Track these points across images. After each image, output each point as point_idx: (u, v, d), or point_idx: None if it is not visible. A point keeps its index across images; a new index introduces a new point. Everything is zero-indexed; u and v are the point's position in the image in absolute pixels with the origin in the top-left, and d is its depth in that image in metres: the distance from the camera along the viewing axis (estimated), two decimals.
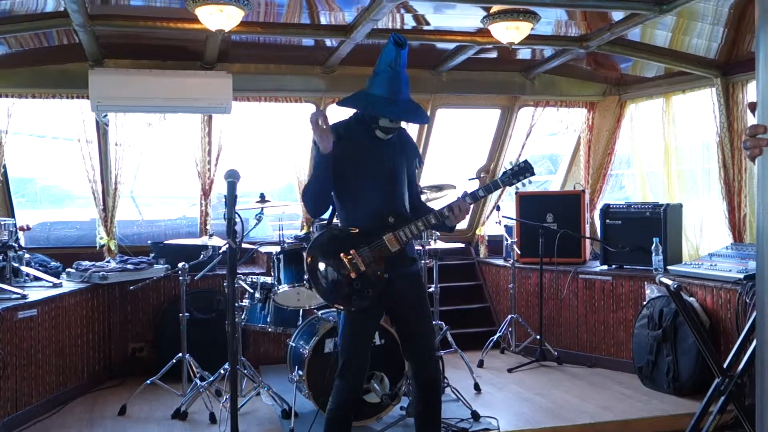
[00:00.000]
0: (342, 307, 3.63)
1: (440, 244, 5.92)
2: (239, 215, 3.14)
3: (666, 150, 7.01)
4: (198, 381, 5.30)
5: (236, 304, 5.33)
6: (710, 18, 5.32)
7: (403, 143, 3.82)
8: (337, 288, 3.58)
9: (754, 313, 4.21)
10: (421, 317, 3.77)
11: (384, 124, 3.62)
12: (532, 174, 3.76)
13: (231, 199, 3.10)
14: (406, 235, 3.60)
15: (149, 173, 8.83)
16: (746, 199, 6.25)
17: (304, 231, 7.21)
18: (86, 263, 6.17)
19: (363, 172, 3.65)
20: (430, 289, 5.97)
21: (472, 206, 3.73)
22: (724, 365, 4.17)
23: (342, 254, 3.56)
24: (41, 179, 9.19)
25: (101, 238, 6.75)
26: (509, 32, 5.34)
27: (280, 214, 8.24)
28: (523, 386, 5.95)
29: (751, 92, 6.18)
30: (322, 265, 3.60)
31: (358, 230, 3.62)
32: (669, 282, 3.92)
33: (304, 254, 3.67)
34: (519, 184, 3.81)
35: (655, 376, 5.70)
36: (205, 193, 6.91)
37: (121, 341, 6.34)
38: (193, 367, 5.43)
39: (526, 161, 3.77)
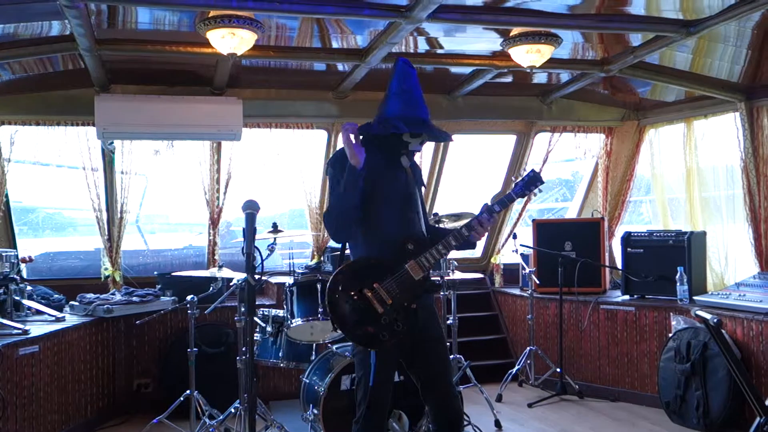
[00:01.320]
0: (372, 347, 3.40)
1: (458, 274, 5.71)
2: (258, 249, 2.93)
3: (688, 176, 6.81)
4: (207, 420, 5.08)
5: (246, 339, 5.11)
6: (733, 39, 5.14)
7: (413, 167, 3.71)
8: (366, 326, 3.36)
9: None
10: (440, 354, 3.58)
11: (413, 147, 3.54)
12: (542, 182, 3.63)
13: (250, 232, 2.89)
14: (429, 261, 3.43)
15: (155, 201, 8.67)
16: None
17: (315, 260, 7.02)
18: (90, 295, 5.97)
19: (380, 198, 3.48)
20: (449, 321, 5.77)
21: (492, 221, 3.57)
22: (766, 403, 3.93)
23: (366, 290, 3.35)
24: (44, 208, 9.03)
25: (106, 269, 6.55)
26: (530, 56, 5.17)
27: (289, 243, 8.05)
28: (546, 422, 5.71)
29: None
30: (345, 305, 3.37)
31: (377, 262, 3.43)
32: (708, 316, 3.69)
33: (325, 294, 3.43)
34: (531, 195, 3.68)
35: (684, 412, 5.46)
36: (214, 222, 6.71)
37: (126, 377, 6.12)
38: (201, 405, 5.20)
39: (533, 170, 3.63)
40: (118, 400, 6.04)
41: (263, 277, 6.22)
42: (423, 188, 3.84)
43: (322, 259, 7.01)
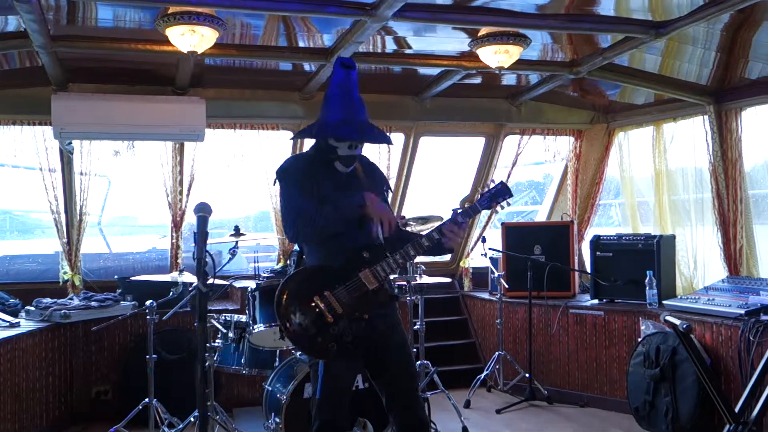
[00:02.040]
0: (320, 357, 3.29)
1: (425, 279, 5.61)
2: (210, 254, 2.80)
3: (657, 179, 6.77)
4: (166, 428, 4.93)
5: (207, 345, 4.97)
6: (702, 41, 5.10)
7: (370, 173, 3.59)
8: (314, 336, 3.24)
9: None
10: (403, 365, 3.45)
11: (342, 152, 3.36)
12: (510, 195, 3.50)
13: (202, 236, 2.75)
14: (384, 270, 3.29)
15: (122, 203, 8.48)
16: (742, 230, 6.01)
17: (281, 264, 6.87)
18: (47, 300, 5.78)
19: (332, 205, 3.34)
20: (416, 326, 5.67)
21: (460, 230, 3.42)
22: (736, 409, 3.88)
23: (316, 297, 3.23)
24: (12, 210, 8.82)
25: (65, 273, 6.35)
26: (498, 56, 5.09)
27: (255, 246, 7.91)
28: (515, 429, 5.64)
29: (746, 120, 5.97)
30: (294, 312, 3.26)
31: (330, 269, 3.31)
32: (677, 322, 3.63)
33: (275, 301, 3.31)
34: (498, 207, 3.54)
35: (653, 417, 5.40)
36: (176, 225, 6.54)
37: (84, 384, 5.93)
38: (161, 414, 5.04)
39: (501, 182, 3.50)
40: (76, 408, 5.85)
41: (230, 281, 6.19)
42: (388, 192, 3.70)
43: (288, 262, 6.86)
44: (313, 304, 3.23)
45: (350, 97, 3.32)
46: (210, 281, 2.77)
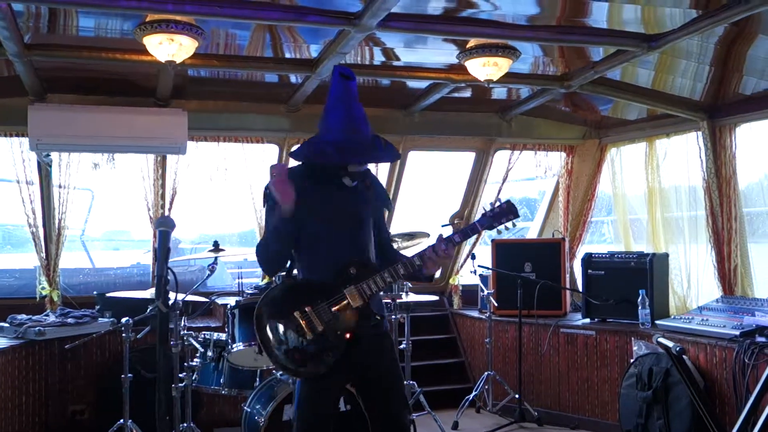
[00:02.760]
0: (297, 376, 3.16)
1: (412, 297, 5.47)
2: (172, 270, 2.63)
3: (650, 196, 6.64)
4: None
5: (186, 364, 4.81)
6: (695, 55, 4.99)
7: (368, 187, 3.38)
8: (291, 352, 3.09)
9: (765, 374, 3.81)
10: (392, 389, 3.28)
11: (353, 168, 3.21)
12: (516, 216, 3.29)
13: (163, 253, 2.59)
14: (371, 289, 3.14)
15: (109, 218, 8.33)
16: (737, 249, 5.88)
17: (266, 281, 6.70)
18: (22, 317, 5.60)
19: (322, 218, 3.21)
20: (401, 345, 5.52)
21: (449, 252, 3.22)
22: None
23: (296, 312, 3.08)
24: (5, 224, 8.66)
25: (43, 288, 6.17)
26: (486, 69, 4.96)
27: (240, 261, 7.76)
28: None
29: (740, 136, 5.85)
30: (273, 325, 3.12)
31: (315, 283, 3.17)
32: (670, 344, 3.49)
33: (255, 315, 3.17)
34: (502, 227, 3.33)
35: None
36: (156, 241, 6.36)
37: (60, 403, 5.74)
38: None
39: (508, 201, 3.29)
40: (51, 427, 5.67)
41: (213, 298, 6.02)
42: (390, 210, 3.57)
43: (273, 279, 6.71)
44: (293, 318, 3.10)
45: (351, 112, 3.14)
46: (173, 299, 2.60)
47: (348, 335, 3.12)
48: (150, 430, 4.87)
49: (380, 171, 6.72)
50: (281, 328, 3.11)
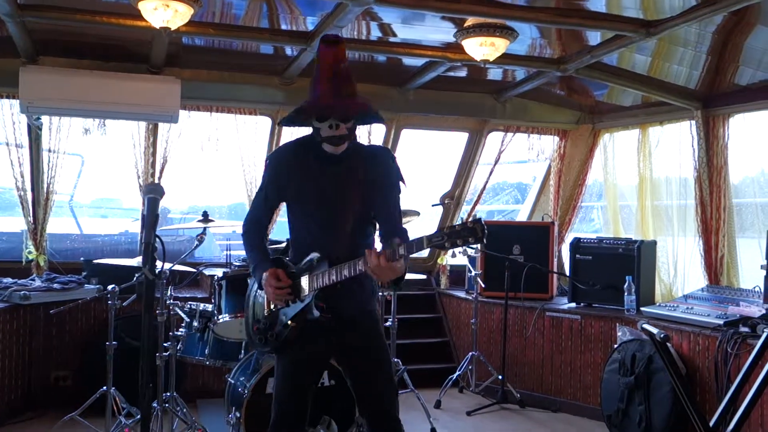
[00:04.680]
0: (252, 346, 3.43)
1: None
2: (160, 238, 2.62)
3: (641, 184, 6.64)
4: (123, 419, 4.75)
5: (171, 334, 4.80)
6: (693, 43, 4.97)
7: (370, 167, 3.14)
8: (250, 323, 3.27)
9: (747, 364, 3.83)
10: (377, 370, 3.21)
11: (325, 133, 3.04)
12: (477, 242, 2.62)
13: (151, 220, 2.57)
14: (318, 282, 3.01)
15: (100, 185, 8.26)
16: (724, 239, 5.91)
17: None
18: (7, 280, 5.59)
19: (303, 201, 3.16)
20: (387, 323, 5.53)
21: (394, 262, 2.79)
22: (710, 423, 3.75)
23: (260, 289, 3.17)
24: None
25: (30, 253, 6.13)
26: (483, 48, 4.93)
27: (229, 234, 7.73)
28: None
29: (733, 126, 5.85)
30: (252, 291, 3.30)
31: (284, 264, 3.18)
32: (654, 331, 3.49)
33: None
34: (460, 249, 3.22)
35: (625, 426, 5.27)
36: (145, 208, 6.32)
37: (43, 369, 5.73)
38: (119, 403, 4.85)
39: (478, 221, 2.63)
40: (33, 393, 5.67)
41: (200, 269, 5.99)
42: (392, 192, 3.20)
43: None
44: (261, 293, 3.20)
45: (331, 73, 3.01)
46: (159, 267, 2.59)
47: (293, 323, 3.07)
48: (133, 398, 4.90)
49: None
50: (253, 296, 3.28)
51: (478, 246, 3.10)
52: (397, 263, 2.78)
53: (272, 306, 3.12)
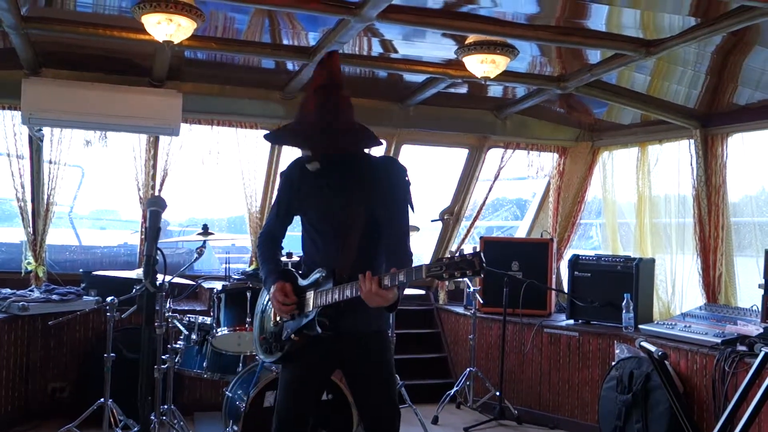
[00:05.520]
0: (260, 356, 3.27)
1: None
2: (161, 251, 2.63)
3: (639, 201, 6.66)
4: (120, 431, 4.74)
5: (169, 346, 4.80)
6: (692, 63, 5.01)
7: (376, 179, 3.06)
8: (256, 332, 3.28)
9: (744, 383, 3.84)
10: (377, 387, 3.17)
11: (304, 153, 3.11)
12: (475, 274, 2.54)
13: (153, 232, 2.59)
14: (321, 301, 2.96)
15: (99, 196, 8.27)
16: (722, 258, 5.91)
17: (253, 266, 6.70)
18: (6, 291, 5.60)
19: (310, 216, 3.18)
20: None
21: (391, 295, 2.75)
22: None
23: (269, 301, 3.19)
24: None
25: (29, 263, 6.14)
26: (484, 66, 4.96)
27: (228, 246, 7.75)
28: None
29: (732, 146, 5.88)
30: (262, 301, 3.29)
31: (293, 277, 3.17)
32: (652, 348, 3.51)
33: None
34: (452, 282, 3.23)
35: None
36: (147, 220, 6.33)
37: (41, 380, 5.72)
38: (116, 415, 4.85)
39: (477, 253, 2.55)
40: (31, 404, 5.65)
41: (199, 281, 6.01)
42: (397, 206, 3.07)
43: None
44: (268, 303, 3.21)
45: (316, 96, 3.03)
46: (160, 280, 2.60)
47: (295, 337, 3.04)
48: (130, 411, 4.91)
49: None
50: (262, 305, 3.28)
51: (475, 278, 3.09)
52: (389, 292, 2.70)
53: (278, 318, 3.12)
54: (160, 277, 2.59)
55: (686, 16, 4.20)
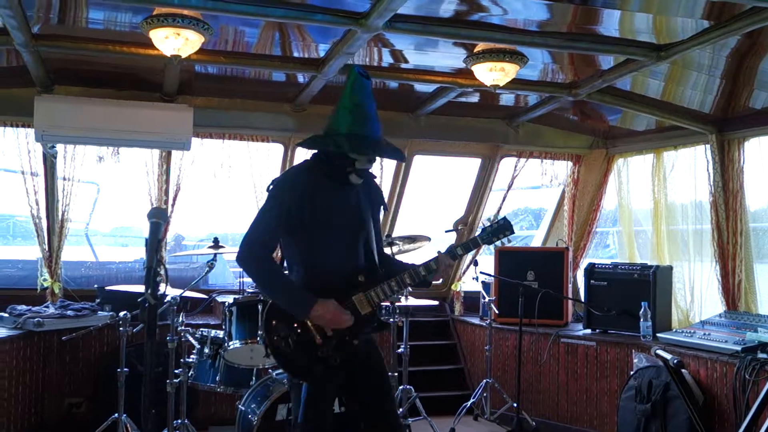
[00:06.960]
0: (305, 379, 3.16)
1: (411, 301, 5.43)
2: (163, 264, 2.62)
3: (656, 208, 6.58)
4: None
5: (182, 361, 4.79)
6: (706, 67, 4.94)
7: (368, 187, 3.42)
8: (300, 356, 3.14)
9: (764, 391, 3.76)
10: (381, 385, 3.34)
11: (360, 166, 3.19)
12: (512, 233, 3.50)
13: (153, 244, 2.57)
14: (378, 297, 3.21)
15: (118, 213, 8.31)
16: (741, 264, 5.81)
17: None
18: (21, 307, 5.60)
19: (330, 224, 3.20)
20: (399, 350, 5.48)
21: (452, 264, 3.38)
22: None
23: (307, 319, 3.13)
24: (15, 216, 8.66)
25: (44, 280, 6.17)
26: (493, 74, 4.92)
27: None
28: None
29: (748, 150, 5.80)
30: (283, 329, 3.15)
31: (326, 289, 3.16)
32: (668, 356, 3.45)
33: (263, 316, 3.20)
34: (498, 242, 3.52)
35: None
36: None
37: (57, 396, 5.73)
38: (130, 430, 4.84)
39: (504, 218, 3.50)
40: (47, 420, 5.66)
41: (212, 295, 6.00)
42: (383, 210, 3.56)
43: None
44: (304, 324, 3.14)
45: (365, 110, 3.21)
46: (162, 292, 2.58)
47: (354, 341, 3.18)
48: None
49: (385, 173, 6.74)
50: (291, 331, 3.15)
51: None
52: (453, 263, 3.38)
53: (329, 333, 3.14)
54: (162, 288, 2.56)
55: (699, 19, 4.14)
